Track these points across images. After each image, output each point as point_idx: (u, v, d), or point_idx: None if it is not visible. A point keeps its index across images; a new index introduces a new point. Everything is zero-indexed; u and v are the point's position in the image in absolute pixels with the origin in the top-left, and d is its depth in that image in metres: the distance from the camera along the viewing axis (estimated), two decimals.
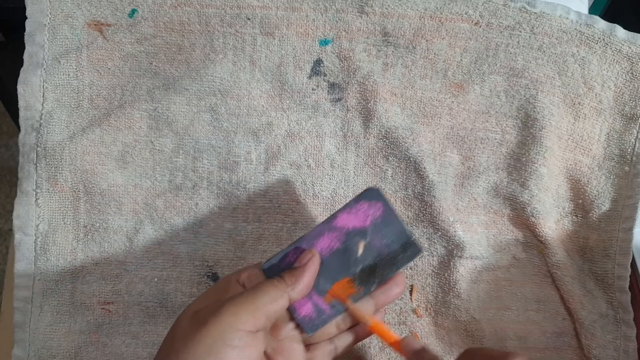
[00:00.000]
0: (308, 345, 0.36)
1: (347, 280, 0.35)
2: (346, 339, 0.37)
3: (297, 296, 0.33)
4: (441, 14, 0.44)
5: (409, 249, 0.36)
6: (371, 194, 0.36)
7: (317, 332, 0.35)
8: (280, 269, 0.34)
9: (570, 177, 0.46)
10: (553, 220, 0.45)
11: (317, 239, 0.35)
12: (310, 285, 0.33)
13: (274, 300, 0.31)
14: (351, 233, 0.35)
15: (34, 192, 0.43)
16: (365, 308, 0.36)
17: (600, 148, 0.45)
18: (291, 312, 0.34)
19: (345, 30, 0.44)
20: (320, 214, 0.45)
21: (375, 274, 0.35)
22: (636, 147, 0.45)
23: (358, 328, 0.37)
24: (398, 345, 0.35)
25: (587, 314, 0.44)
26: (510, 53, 0.44)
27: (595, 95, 0.45)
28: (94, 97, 0.44)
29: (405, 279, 0.36)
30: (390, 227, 0.36)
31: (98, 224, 0.44)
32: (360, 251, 0.35)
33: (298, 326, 0.35)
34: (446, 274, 0.45)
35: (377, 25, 0.44)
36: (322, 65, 0.45)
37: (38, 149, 0.43)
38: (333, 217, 0.36)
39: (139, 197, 0.44)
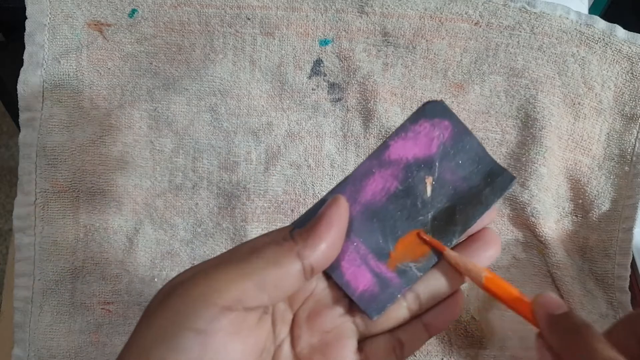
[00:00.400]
0: (361, 342, 0.25)
1: (416, 233, 0.26)
2: (416, 332, 0.25)
3: (318, 260, 0.22)
4: (441, 14, 0.44)
5: (496, 178, 0.26)
6: (433, 110, 0.26)
7: (383, 313, 0.25)
8: None
9: (570, 177, 0.46)
10: (553, 220, 0.45)
11: (365, 180, 0.26)
12: (336, 243, 0.23)
13: (274, 264, 0.21)
14: (412, 166, 0.26)
15: (34, 192, 0.43)
16: (445, 279, 0.25)
17: (600, 148, 0.45)
18: (344, 288, 0.25)
19: (345, 30, 0.44)
20: None
21: (454, 219, 0.25)
22: (636, 147, 0.45)
23: (436, 315, 0.26)
24: (528, 308, 0.23)
25: (587, 314, 0.44)
26: (510, 53, 0.44)
27: (595, 95, 0.45)
28: (93, 97, 0.44)
29: (499, 236, 0.26)
30: (466, 152, 0.26)
31: (98, 224, 0.44)
32: (428, 190, 0.26)
33: (350, 310, 0.25)
34: None
35: (377, 25, 0.44)
36: (322, 65, 0.45)
37: (38, 149, 0.43)
38: (383, 147, 0.26)
39: (138, 197, 0.44)
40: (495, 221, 0.45)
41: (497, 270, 0.45)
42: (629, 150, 0.45)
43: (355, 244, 0.25)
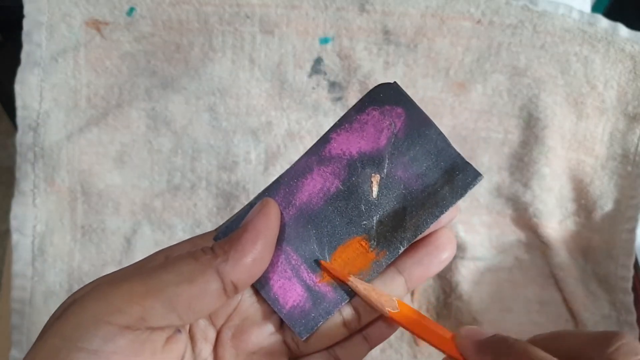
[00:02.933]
0: None
1: (357, 240, 0.23)
2: (355, 346, 0.23)
3: (241, 277, 0.20)
4: (443, 12, 0.43)
5: (457, 175, 0.22)
6: (384, 95, 0.22)
7: (314, 332, 0.22)
8: None
9: (573, 177, 0.45)
10: (556, 220, 0.45)
11: (302, 179, 0.23)
12: (263, 257, 0.20)
13: (188, 281, 0.19)
14: (357, 163, 0.23)
15: (32, 193, 0.43)
16: (391, 289, 0.23)
17: (603, 148, 0.45)
18: (272, 304, 0.22)
19: (345, 29, 0.44)
20: None
21: (404, 224, 0.22)
22: (639, 147, 0.44)
23: (375, 327, 0.24)
24: (442, 340, 0.22)
25: (590, 315, 0.44)
26: (513, 52, 0.44)
27: (598, 94, 0.44)
28: (91, 96, 0.44)
29: (454, 235, 0.23)
30: (422, 144, 0.22)
31: (95, 225, 0.44)
32: (374, 190, 0.23)
33: (281, 328, 0.23)
34: (448, 276, 0.44)
35: (378, 23, 0.44)
36: (322, 63, 0.44)
37: (35, 148, 0.43)
38: (324, 140, 0.23)
39: (136, 197, 0.44)
40: (497, 222, 0.45)
41: (500, 271, 0.45)
42: (632, 150, 0.44)
43: (286, 253, 0.22)
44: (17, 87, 0.43)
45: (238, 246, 0.20)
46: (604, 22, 0.44)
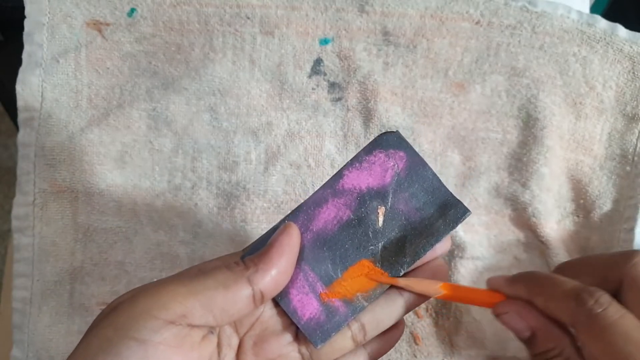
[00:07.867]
0: None
1: (365, 262, 0.26)
2: (359, 358, 0.27)
3: (269, 286, 0.23)
4: (442, 13, 0.44)
5: (449, 210, 0.26)
6: (388, 141, 0.26)
7: (328, 342, 0.26)
8: None
9: (572, 177, 0.45)
10: (554, 220, 0.45)
11: (318, 208, 0.26)
12: (287, 270, 0.24)
13: (224, 286, 0.22)
14: (365, 196, 0.26)
15: (33, 193, 0.43)
16: (392, 308, 0.26)
17: (601, 148, 0.45)
18: (291, 316, 0.26)
19: (345, 30, 0.44)
20: None
21: (404, 250, 0.26)
22: (638, 147, 0.44)
23: (381, 340, 0.27)
24: (489, 296, 0.25)
25: None
26: (512, 52, 0.44)
27: (597, 94, 0.44)
28: (92, 96, 0.44)
29: (447, 266, 0.28)
30: (420, 183, 0.26)
31: (97, 225, 0.44)
32: (380, 220, 0.26)
33: (297, 339, 0.26)
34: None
35: (377, 24, 0.44)
36: (322, 64, 0.45)
37: (36, 149, 0.43)
38: (337, 176, 0.27)
39: (137, 197, 0.44)
40: (496, 221, 0.45)
41: (499, 271, 0.45)
42: (631, 150, 0.45)
43: (304, 271, 0.26)
44: (19, 88, 0.43)
45: (266, 259, 0.23)
46: (602, 23, 0.44)
